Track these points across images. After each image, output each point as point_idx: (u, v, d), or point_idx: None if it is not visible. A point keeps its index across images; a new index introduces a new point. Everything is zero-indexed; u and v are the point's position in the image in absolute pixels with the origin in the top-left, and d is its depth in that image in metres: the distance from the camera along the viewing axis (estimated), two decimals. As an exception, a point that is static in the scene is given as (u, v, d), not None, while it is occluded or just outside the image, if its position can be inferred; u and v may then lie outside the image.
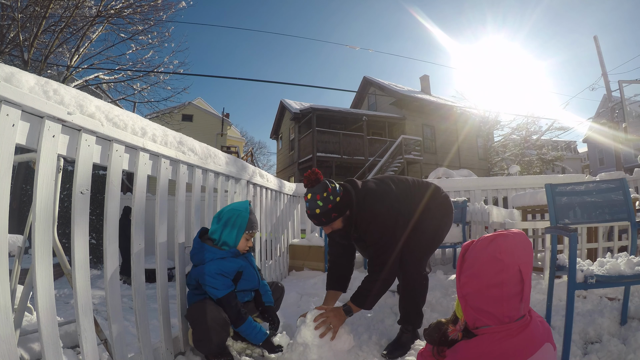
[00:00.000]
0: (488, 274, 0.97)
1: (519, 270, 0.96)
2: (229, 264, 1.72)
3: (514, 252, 0.97)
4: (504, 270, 0.95)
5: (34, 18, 7.58)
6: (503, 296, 0.95)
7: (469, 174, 7.34)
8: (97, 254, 5.74)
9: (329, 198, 1.74)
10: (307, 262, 3.98)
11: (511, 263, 0.96)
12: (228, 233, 1.76)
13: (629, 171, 6.35)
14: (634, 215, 1.97)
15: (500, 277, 0.95)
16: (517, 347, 0.95)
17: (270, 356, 1.82)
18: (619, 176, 3.55)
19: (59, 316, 1.87)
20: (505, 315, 0.96)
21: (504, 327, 0.95)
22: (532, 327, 0.98)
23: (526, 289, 0.97)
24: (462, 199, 3.59)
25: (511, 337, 0.95)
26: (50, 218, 1.12)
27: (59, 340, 1.11)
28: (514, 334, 0.95)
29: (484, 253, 0.99)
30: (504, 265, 0.95)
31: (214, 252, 1.72)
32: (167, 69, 10.06)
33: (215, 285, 1.64)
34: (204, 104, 23.44)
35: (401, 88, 18.08)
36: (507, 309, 0.95)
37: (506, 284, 0.95)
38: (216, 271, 1.66)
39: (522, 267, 0.96)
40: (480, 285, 0.98)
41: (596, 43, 11.64)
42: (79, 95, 1.21)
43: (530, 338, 0.96)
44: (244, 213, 1.80)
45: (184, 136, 1.84)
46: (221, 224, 1.78)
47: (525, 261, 0.97)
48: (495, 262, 0.96)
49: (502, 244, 0.97)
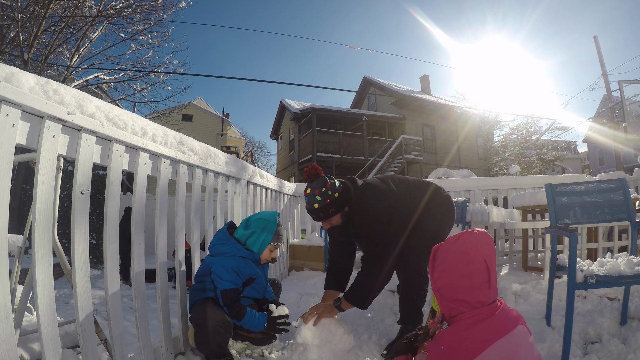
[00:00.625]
0: (457, 266, 1.10)
1: (484, 261, 1.09)
2: (247, 266, 1.73)
3: (478, 246, 1.11)
4: (471, 262, 1.09)
5: (34, 18, 7.59)
6: (473, 285, 1.08)
7: (469, 174, 7.34)
8: (97, 254, 5.74)
9: (327, 193, 1.76)
10: (307, 262, 3.98)
11: (477, 256, 1.09)
12: (254, 241, 1.77)
13: (629, 171, 6.36)
14: (634, 215, 1.97)
15: (469, 268, 1.09)
16: (492, 327, 1.05)
17: (270, 356, 1.82)
18: (619, 176, 3.56)
19: (59, 316, 1.87)
20: (476, 301, 1.08)
21: (477, 312, 1.07)
22: (504, 311, 1.10)
23: (492, 278, 1.10)
24: (462, 199, 3.59)
25: (485, 319, 1.07)
26: (50, 218, 1.12)
27: (59, 340, 1.11)
28: (487, 317, 1.07)
29: (453, 249, 1.13)
30: (471, 257, 1.09)
31: (239, 249, 1.73)
32: (167, 69, 10.08)
33: (223, 276, 1.65)
34: (204, 104, 23.45)
35: (401, 88, 18.08)
36: (478, 295, 1.08)
37: (474, 274, 1.08)
38: (233, 267, 1.68)
39: (486, 259, 1.10)
40: (452, 277, 1.11)
41: (596, 43, 11.64)
42: (79, 95, 1.21)
43: (503, 320, 1.07)
44: (272, 225, 1.80)
45: (184, 136, 1.84)
46: (248, 232, 1.78)
47: (489, 254, 1.11)
48: (463, 255, 1.10)
49: (467, 240, 1.12)
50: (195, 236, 1.98)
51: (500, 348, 1.01)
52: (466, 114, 18.00)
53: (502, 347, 1.02)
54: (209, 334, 1.57)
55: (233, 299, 1.68)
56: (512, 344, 1.03)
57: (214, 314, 1.59)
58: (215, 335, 1.58)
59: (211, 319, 1.57)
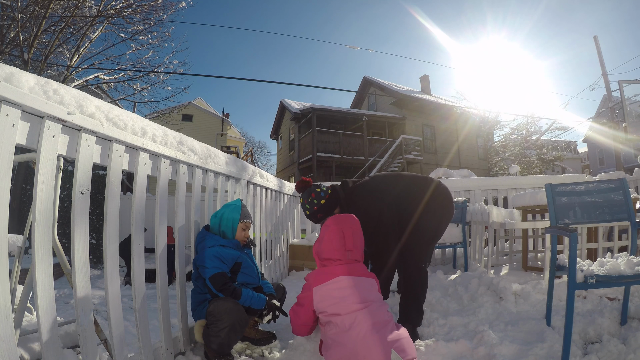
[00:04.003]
0: (322, 234, 1.75)
1: (342, 231, 1.69)
2: (228, 251, 1.81)
3: (338, 221, 1.73)
4: (327, 231, 1.72)
5: (34, 18, 7.58)
6: (324, 248, 1.70)
7: (469, 174, 7.34)
8: (97, 254, 5.73)
9: (313, 202, 2.02)
10: (307, 262, 3.98)
11: (333, 227, 1.71)
12: (225, 225, 1.89)
13: (629, 171, 6.36)
14: (634, 215, 1.97)
15: (325, 235, 1.72)
16: (337, 270, 1.64)
17: (270, 356, 1.82)
18: (619, 176, 3.56)
19: (59, 316, 1.87)
20: (325, 258, 1.69)
21: (330, 262, 1.69)
22: (357, 267, 1.68)
23: (347, 242, 1.68)
24: (462, 199, 3.58)
25: (325, 269, 1.69)
26: (50, 218, 1.12)
27: (59, 340, 1.11)
28: (337, 265, 1.66)
29: (324, 225, 1.77)
30: (329, 229, 1.72)
31: (216, 239, 1.84)
32: (167, 69, 10.07)
33: (207, 264, 1.71)
34: (204, 104, 23.44)
35: (401, 88, 18.08)
36: (335, 255, 1.67)
37: (327, 240, 1.70)
38: (215, 254, 1.75)
39: (344, 230, 1.70)
40: (320, 242, 1.74)
41: (596, 43, 11.64)
42: (79, 95, 1.21)
43: (349, 269, 1.65)
44: (236, 206, 1.95)
45: (184, 136, 1.84)
46: (217, 219, 1.92)
47: (346, 227, 1.71)
48: (324, 227, 1.75)
49: (331, 218, 1.76)
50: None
51: (337, 283, 1.61)
52: (466, 114, 17.99)
53: (339, 282, 1.61)
54: (226, 329, 1.59)
55: (222, 282, 1.70)
56: (347, 282, 1.59)
57: (238, 311, 1.64)
58: (230, 332, 1.61)
59: (231, 315, 1.61)
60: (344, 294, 1.56)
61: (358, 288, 1.58)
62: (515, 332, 1.91)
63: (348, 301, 1.54)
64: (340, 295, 1.56)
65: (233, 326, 1.61)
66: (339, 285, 1.59)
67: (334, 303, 1.56)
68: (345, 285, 1.59)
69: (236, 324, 1.62)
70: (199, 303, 1.80)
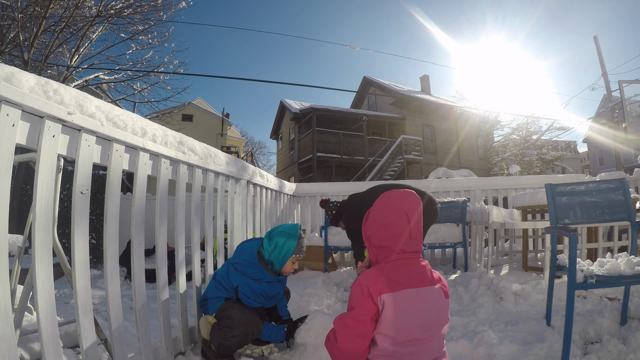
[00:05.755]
0: (380, 217, 1.25)
1: (405, 213, 1.21)
2: (272, 289, 1.86)
3: (398, 200, 1.24)
4: (391, 213, 1.23)
5: (34, 18, 7.58)
6: (394, 233, 1.20)
7: (469, 174, 7.34)
8: (97, 254, 5.73)
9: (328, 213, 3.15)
10: (307, 262, 3.98)
11: (396, 208, 1.22)
12: (276, 255, 1.83)
13: (629, 171, 6.35)
14: (634, 215, 1.97)
15: (389, 218, 1.22)
16: (412, 272, 1.17)
17: (270, 356, 1.83)
18: (619, 176, 3.55)
19: (59, 316, 1.87)
20: (399, 249, 1.20)
21: (398, 256, 1.19)
22: (426, 266, 1.23)
23: (413, 229, 1.21)
24: (462, 199, 3.58)
25: (406, 265, 1.19)
26: (50, 218, 1.12)
27: (59, 340, 1.11)
28: (407, 263, 1.19)
29: (378, 203, 1.28)
30: (391, 209, 1.23)
31: (265, 275, 1.82)
32: (167, 69, 10.07)
33: (251, 297, 1.77)
34: (204, 104, 23.43)
35: (401, 88, 18.07)
36: (400, 243, 1.20)
37: (394, 224, 1.21)
38: (260, 292, 1.80)
39: (407, 212, 1.21)
40: (376, 226, 1.25)
41: (596, 43, 11.64)
42: (79, 95, 1.21)
43: (424, 271, 1.20)
44: (294, 238, 1.85)
45: (184, 136, 1.84)
46: (272, 246, 1.83)
47: (410, 208, 1.22)
48: (384, 206, 1.25)
49: (390, 196, 1.26)
50: (195, 236, 1.98)
51: (409, 294, 1.12)
52: (466, 114, 17.98)
53: (411, 293, 1.13)
54: (237, 338, 1.62)
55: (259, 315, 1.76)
56: (418, 295, 1.14)
57: (254, 316, 1.68)
58: (241, 341, 1.64)
59: (248, 327, 1.64)
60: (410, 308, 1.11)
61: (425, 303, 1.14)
62: (515, 332, 1.91)
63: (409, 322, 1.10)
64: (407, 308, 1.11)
65: (246, 335, 1.65)
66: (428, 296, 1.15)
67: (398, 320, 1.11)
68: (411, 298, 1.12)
69: (249, 334, 1.66)
70: (215, 297, 1.81)
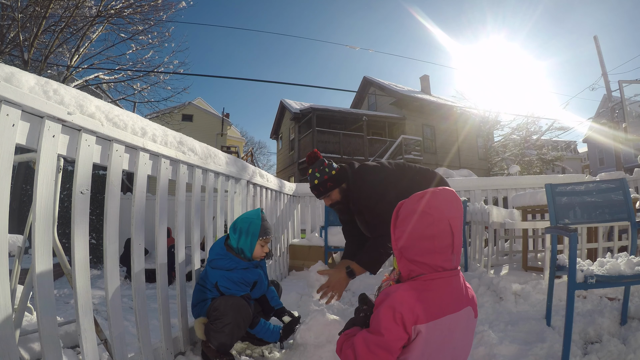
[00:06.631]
0: (419, 228, 1.02)
1: (449, 224, 1.01)
2: (250, 275, 1.83)
3: (442, 208, 1.02)
4: (434, 224, 1.01)
5: (34, 18, 7.58)
6: (435, 248, 1.00)
7: (469, 174, 7.34)
8: (97, 254, 5.74)
9: (324, 170, 1.99)
10: (307, 262, 3.98)
11: (440, 217, 1.01)
12: (244, 241, 1.82)
13: (629, 171, 6.35)
14: (634, 215, 1.97)
15: (431, 230, 1.01)
16: (450, 294, 1.01)
17: (270, 356, 1.82)
18: (619, 176, 3.55)
19: (59, 316, 1.87)
20: (438, 265, 1.01)
21: (437, 275, 1.01)
22: (462, 285, 1.05)
23: (456, 242, 1.03)
24: (462, 199, 3.58)
25: (442, 286, 1.01)
26: (50, 218, 1.12)
27: (59, 340, 1.11)
28: (445, 284, 1.01)
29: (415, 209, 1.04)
30: (434, 219, 1.01)
31: (238, 262, 1.80)
32: (167, 69, 10.08)
33: (235, 290, 1.74)
34: (204, 104, 23.44)
35: (401, 88, 18.07)
36: (440, 259, 1.01)
37: (437, 237, 1.00)
38: (239, 280, 1.76)
39: (451, 222, 1.01)
40: (413, 238, 1.03)
41: (596, 43, 11.64)
42: (79, 95, 1.21)
43: (458, 295, 1.03)
44: (256, 220, 1.85)
45: (184, 136, 1.84)
46: (237, 234, 1.83)
47: (455, 216, 1.02)
48: (426, 216, 1.01)
49: (431, 200, 1.03)
50: (196, 236, 1.98)
51: (446, 322, 0.99)
52: (466, 114, 17.99)
53: (447, 321, 0.99)
54: (230, 325, 1.60)
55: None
56: (454, 322, 1.00)
57: (244, 306, 1.66)
58: (234, 328, 1.61)
59: (237, 312, 1.62)
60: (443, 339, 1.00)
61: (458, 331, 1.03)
62: (515, 332, 1.91)
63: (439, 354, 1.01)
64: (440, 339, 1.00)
65: (238, 323, 1.62)
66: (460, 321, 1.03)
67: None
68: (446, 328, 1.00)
69: (240, 321, 1.63)
70: (201, 300, 1.80)
